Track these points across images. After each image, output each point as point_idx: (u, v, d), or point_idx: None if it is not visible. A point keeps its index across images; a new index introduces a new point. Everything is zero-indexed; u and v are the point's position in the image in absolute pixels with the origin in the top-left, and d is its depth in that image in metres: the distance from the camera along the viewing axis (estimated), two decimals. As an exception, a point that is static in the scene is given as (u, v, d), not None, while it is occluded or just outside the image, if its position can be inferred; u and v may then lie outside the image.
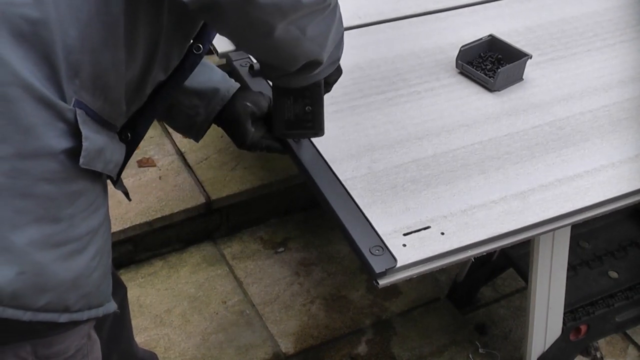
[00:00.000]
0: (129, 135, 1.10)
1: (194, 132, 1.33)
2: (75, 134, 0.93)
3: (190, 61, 1.11)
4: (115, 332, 1.48)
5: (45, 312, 0.96)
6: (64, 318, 0.98)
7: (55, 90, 0.90)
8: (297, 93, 1.18)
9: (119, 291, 1.45)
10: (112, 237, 1.11)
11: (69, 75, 0.91)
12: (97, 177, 1.00)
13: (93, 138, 0.95)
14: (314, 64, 1.08)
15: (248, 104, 1.31)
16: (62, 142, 0.92)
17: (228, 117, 1.31)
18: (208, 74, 1.31)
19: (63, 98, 0.91)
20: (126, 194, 1.26)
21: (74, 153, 0.93)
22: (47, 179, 0.91)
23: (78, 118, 0.92)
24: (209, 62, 1.33)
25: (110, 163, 1.02)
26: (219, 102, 1.30)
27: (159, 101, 1.12)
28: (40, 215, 0.91)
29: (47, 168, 0.91)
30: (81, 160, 0.93)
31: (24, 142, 0.88)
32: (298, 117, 1.21)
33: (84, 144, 0.93)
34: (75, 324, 1.02)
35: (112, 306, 1.08)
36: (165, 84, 1.11)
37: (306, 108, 1.20)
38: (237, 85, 1.34)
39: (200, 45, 1.11)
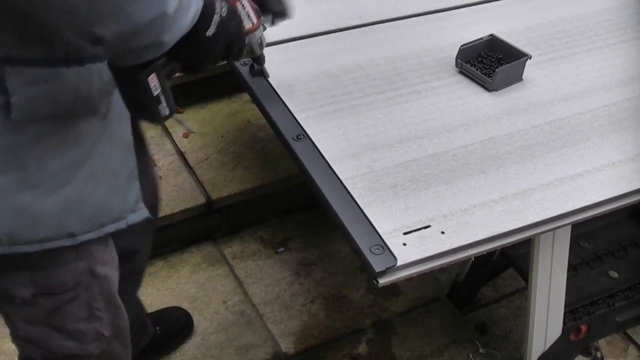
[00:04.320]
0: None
1: None
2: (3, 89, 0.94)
3: None
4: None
5: (53, 240, 1.05)
6: (73, 241, 1.08)
7: None
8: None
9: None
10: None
11: None
12: (65, 116, 1.01)
13: (20, 91, 0.95)
14: None
15: None
16: None
17: None
18: None
19: None
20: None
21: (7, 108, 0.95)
22: None
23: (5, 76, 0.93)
24: None
25: (68, 103, 1.00)
26: None
27: None
28: (1, 166, 0.98)
29: None
30: (12, 115, 0.95)
31: None
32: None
33: (11, 100, 0.94)
34: (76, 250, 1.11)
35: (122, 223, 1.14)
36: None
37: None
38: None
39: None
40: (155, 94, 0.96)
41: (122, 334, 1.36)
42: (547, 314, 1.65)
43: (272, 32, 1.70)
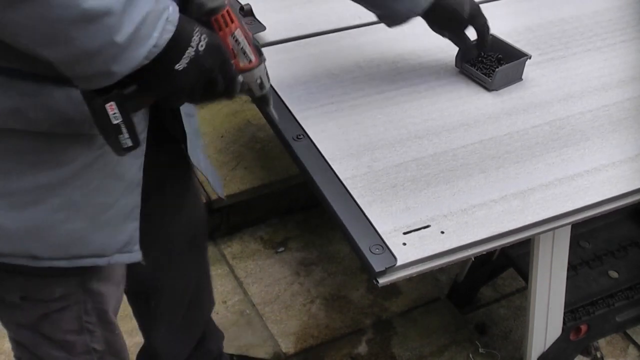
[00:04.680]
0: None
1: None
2: None
3: None
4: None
5: (14, 257, 1.02)
6: (36, 263, 1.04)
7: None
8: None
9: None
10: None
11: None
12: (43, 136, 0.97)
13: None
14: None
15: None
16: None
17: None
18: None
19: None
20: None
21: None
22: None
23: None
24: None
25: (44, 122, 0.95)
26: None
27: None
28: None
29: None
30: None
31: None
32: None
33: None
34: (57, 270, 1.07)
35: (102, 260, 1.09)
36: None
37: None
38: None
39: None
40: (114, 122, 0.90)
41: (116, 349, 1.33)
42: (547, 314, 1.65)
43: (272, 32, 1.71)
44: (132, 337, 1.97)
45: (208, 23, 0.95)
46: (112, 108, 0.89)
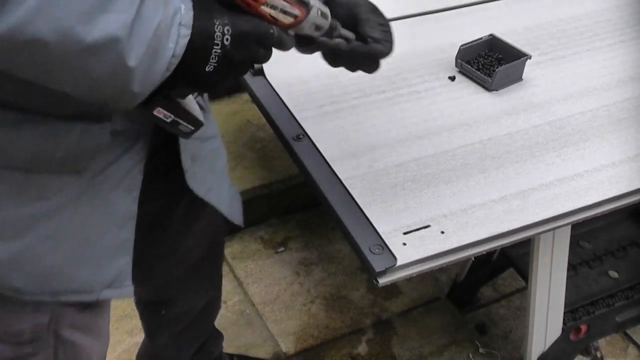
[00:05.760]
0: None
1: None
2: None
3: None
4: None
5: None
6: (20, 296, 0.99)
7: None
8: None
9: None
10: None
11: None
12: (21, 170, 0.93)
13: None
14: None
15: None
16: None
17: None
18: None
19: None
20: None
21: None
22: None
23: None
24: None
25: (16, 159, 0.91)
26: None
27: None
28: None
29: None
30: None
31: None
32: None
33: None
34: (31, 304, 1.01)
35: (90, 296, 1.03)
36: None
37: None
38: None
39: None
40: (168, 121, 0.91)
41: None
42: (547, 314, 1.65)
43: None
44: (132, 337, 1.97)
45: (233, 3, 0.88)
46: (159, 112, 0.89)
